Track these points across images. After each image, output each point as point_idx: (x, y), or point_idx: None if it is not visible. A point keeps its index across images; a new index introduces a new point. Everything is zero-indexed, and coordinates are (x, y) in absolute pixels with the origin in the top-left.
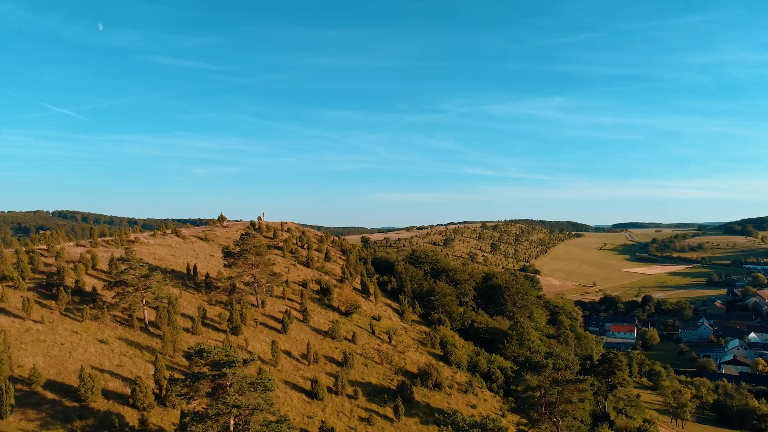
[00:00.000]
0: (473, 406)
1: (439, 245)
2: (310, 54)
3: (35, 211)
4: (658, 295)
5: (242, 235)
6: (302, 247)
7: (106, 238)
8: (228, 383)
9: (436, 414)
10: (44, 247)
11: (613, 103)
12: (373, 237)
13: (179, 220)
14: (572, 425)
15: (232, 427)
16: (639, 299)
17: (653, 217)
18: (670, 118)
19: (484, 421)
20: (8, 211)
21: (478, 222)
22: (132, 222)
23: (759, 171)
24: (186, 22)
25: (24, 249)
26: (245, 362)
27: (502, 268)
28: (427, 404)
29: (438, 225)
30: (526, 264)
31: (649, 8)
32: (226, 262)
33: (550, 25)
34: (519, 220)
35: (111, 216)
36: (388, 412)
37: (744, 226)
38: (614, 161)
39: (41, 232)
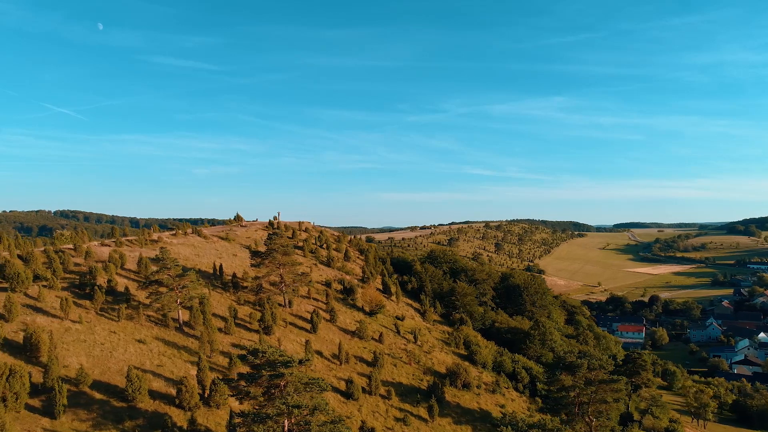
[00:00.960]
0: (502, 407)
1: (443, 245)
2: (310, 54)
3: (37, 211)
4: (663, 295)
5: (269, 234)
6: (321, 246)
7: (129, 238)
8: (284, 383)
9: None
10: (71, 246)
11: (613, 103)
12: (376, 237)
13: (180, 220)
14: (605, 425)
15: (287, 428)
16: (645, 299)
17: (654, 217)
18: (670, 118)
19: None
20: (10, 211)
21: (481, 222)
22: (134, 222)
23: (759, 171)
24: (186, 22)
25: (53, 249)
26: (301, 362)
27: (508, 267)
28: (458, 404)
29: (440, 225)
30: (531, 264)
31: (649, 8)
32: (253, 262)
33: (550, 25)
34: (521, 220)
35: (112, 216)
36: (422, 412)
37: (747, 226)
38: (614, 161)
39: (58, 231)
